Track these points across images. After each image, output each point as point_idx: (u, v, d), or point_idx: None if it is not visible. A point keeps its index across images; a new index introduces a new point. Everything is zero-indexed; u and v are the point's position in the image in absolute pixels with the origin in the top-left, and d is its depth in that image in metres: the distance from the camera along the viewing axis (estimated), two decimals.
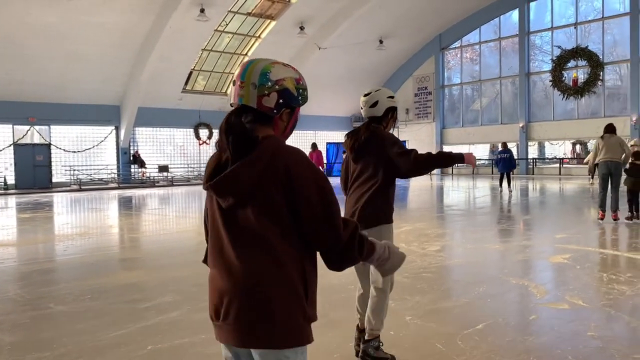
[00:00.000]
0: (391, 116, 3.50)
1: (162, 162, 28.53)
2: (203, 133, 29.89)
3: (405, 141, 32.44)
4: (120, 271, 6.74)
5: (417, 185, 22.51)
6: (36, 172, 24.29)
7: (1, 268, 6.91)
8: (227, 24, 26.14)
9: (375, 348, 3.27)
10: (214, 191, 1.68)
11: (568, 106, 28.36)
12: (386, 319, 3.35)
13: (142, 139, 28.38)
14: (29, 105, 23.81)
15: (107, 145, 27.20)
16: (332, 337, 3.70)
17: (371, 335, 3.27)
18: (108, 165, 27.17)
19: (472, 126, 32.23)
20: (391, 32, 30.07)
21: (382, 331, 3.35)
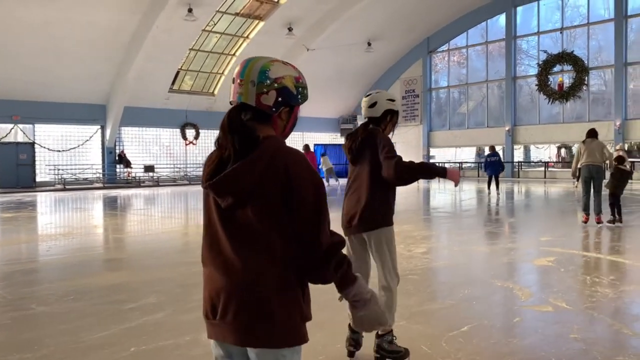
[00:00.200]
0: (390, 119, 3.51)
1: (148, 162, 28.35)
2: (190, 133, 29.76)
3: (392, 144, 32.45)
4: (104, 272, 6.67)
5: (404, 187, 22.52)
6: (19, 171, 23.99)
7: None
8: (215, 24, 26.05)
9: (389, 342, 3.36)
10: (213, 190, 1.67)
11: (553, 110, 28.67)
12: None
13: (128, 139, 28.18)
14: (13, 103, 23.54)
15: (93, 144, 26.96)
16: (319, 338, 3.68)
17: (384, 330, 3.35)
18: (93, 164, 26.92)
19: (459, 129, 32.45)
20: (379, 35, 30.18)
21: (366, 334, 3.38)
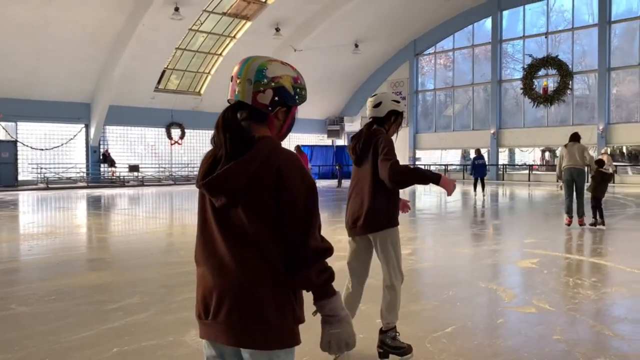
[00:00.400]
0: (394, 120, 3.53)
1: (133, 162, 28.12)
2: (175, 133, 29.58)
3: None
4: (86, 272, 6.60)
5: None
6: (1, 170, 23.62)
7: None
8: (202, 23, 25.94)
9: (392, 338, 3.42)
10: (207, 190, 1.66)
11: (538, 114, 28.97)
12: (358, 323, 3.35)
13: (113, 138, 27.94)
14: None
15: (77, 143, 26.67)
16: (305, 339, 3.67)
17: (387, 327, 3.43)
18: (77, 163, 26.62)
19: (445, 131, 32.64)
20: (367, 37, 30.26)
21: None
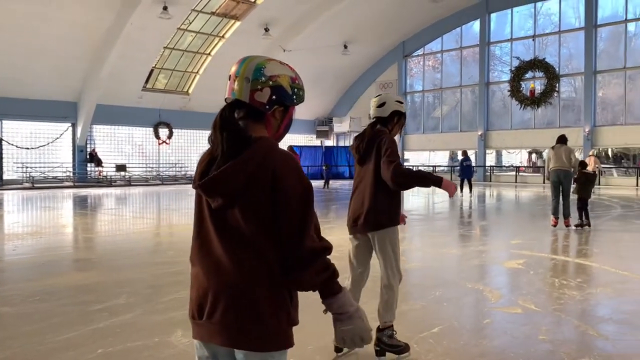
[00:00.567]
0: (397, 121, 3.57)
1: (120, 161, 27.91)
2: (163, 132, 29.42)
3: None
4: (72, 272, 6.53)
5: None
6: None
7: None
8: (191, 23, 25.83)
9: (389, 336, 3.46)
10: (203, 191, 1.66)
11: (525, 116, 29.20)
12: None
13: (100, 137, 27.72)
14: None
15: (63, 142, 26.44)
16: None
17: (384, 325, 3.46)
18: (63, 163, 26.39)
19: (433, 133, 32.79)
20: (356, 38, 30.32)
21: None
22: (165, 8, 22.40)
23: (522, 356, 3.51)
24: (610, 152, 29.27)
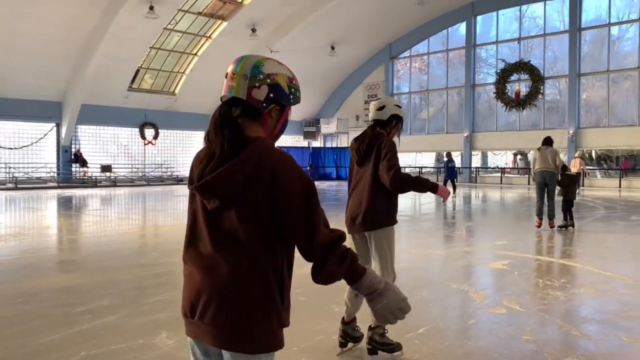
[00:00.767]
0: (395, 124, 3.64)
1: (105, 162, 27.67)
2: (149, 133, 29.22)
3: None
4: (55, 274, 6.46)
5: None
6: None
7: None
8: (177, 23, 25.69)
9: (380, 335, 3.49)
10: (200, 193, 1.65)
11: (510, 118, 29.45)
12: (329, 324, 3.36)
13: (85, 137, 27.47)
14: None
15: (47, 142, 26.15)
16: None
17: (376, 323, 3.48)
18: (47, 163, 26.09)
19: (419, 134, 32.93)
20: (343, 39, 30.36)
21: (322, 337, 3.45)
22: (151, 8, 22.25)
23: (507, 356, 3.53)
24: (594, 154, 29.64)
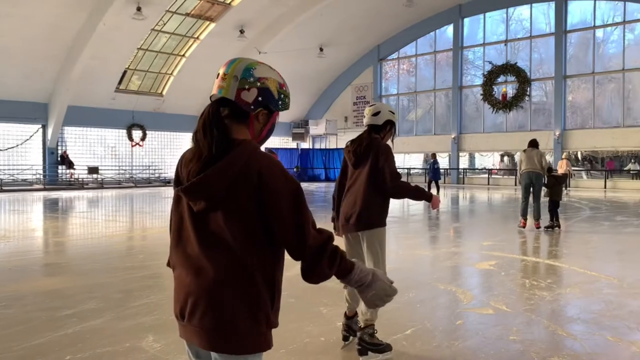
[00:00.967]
0: (389, 129, 3.81)
1: (92, 164, 27.43)
2: (136, 134, 29.04)
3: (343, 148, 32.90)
4: (40, 277, 6.39)
5: None
6: None
7: None
8: (165, 24, 25.57)
9: (370, 335, 3.54)
10: (186, 195, 1.64)
11: (497, 119, 29.68)
12: (316, 326, 3.36)
13: (71, 139, 27.23)
14: None
15: (33, 144, 25.88)
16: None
17: (366, 323, 3.54)
18: (33, 165, 25.82)
19: (407, 136, 33.04)
20: (331, 41, 30.41)
21: (309, 339, 3.44)
22: (139, 9, 22.12)
23: (493, 357, 3.55)
24: (579, 155, 29.95)
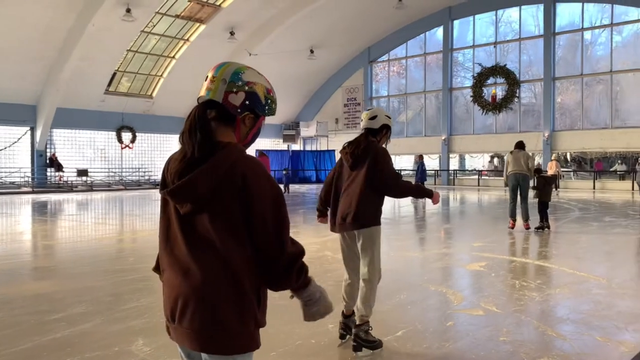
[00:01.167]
0: (385, 133, 3.97)
1: (82, 166, 27.25)
2: (126, 136, 28.89)
3: (334, 150, 33.03)
4: (28, 281, 6.33)
5: None
6: None
7: None
8: (155, 25, 25.46)
9: (365, 332, 3.62)
10: (172, 197, 1.66)
11: (487, 121, 29.83)
12: (308, 328, 3.36)
13: (60, 141, 27.03)
14: None
15: (21, 146, 25.66)
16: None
17: (361, 320, 3.63)
18: (21, 168, 25.61)
19: (398, 137, 33.07)
20: (322, 43, 30.43)
21: (301, 341, 3.47)
22: (128, 10, 22.01)
23: (484, 358, 3.57)
24: (568, 156, 30.17)
